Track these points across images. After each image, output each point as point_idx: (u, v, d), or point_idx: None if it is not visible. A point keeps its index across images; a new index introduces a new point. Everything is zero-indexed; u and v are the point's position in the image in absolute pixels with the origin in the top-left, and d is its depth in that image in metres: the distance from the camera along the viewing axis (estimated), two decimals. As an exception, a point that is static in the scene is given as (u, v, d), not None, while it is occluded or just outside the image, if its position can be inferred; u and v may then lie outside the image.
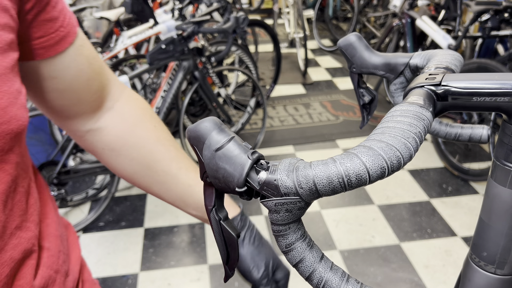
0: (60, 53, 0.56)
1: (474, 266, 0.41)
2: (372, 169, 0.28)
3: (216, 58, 2.67)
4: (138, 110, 0.69)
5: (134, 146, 0.67)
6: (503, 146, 0.36)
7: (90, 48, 0.62)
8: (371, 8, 5.27)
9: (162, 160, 0.67)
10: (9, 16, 0.46)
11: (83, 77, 0.60)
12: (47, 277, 0.54)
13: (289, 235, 0.32)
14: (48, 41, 0.54)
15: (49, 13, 0.53)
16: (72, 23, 0.57)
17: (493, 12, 2.61)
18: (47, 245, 0.56)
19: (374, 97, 0.54)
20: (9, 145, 0.45)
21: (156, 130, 0.68)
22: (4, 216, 0.46)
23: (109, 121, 0.66)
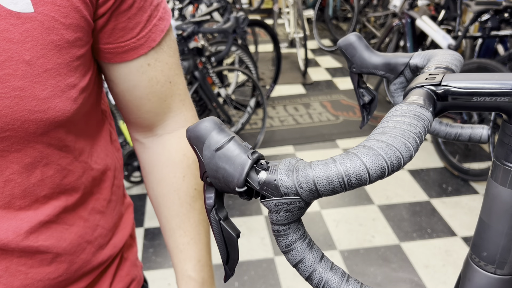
0: (125, 62, 0.57)
1: (474, 266, 0.41)
2: (372, 169, 0.28)
3: (216, 58, 2.67)
4: (179, 154, 0.67)
5: (156, 180, 0.69)
6: (503, 146, 0.36)
7: (162, 70, 0.61)
8: (371, 8, 5.27)
9: (169, 210, 0.69)
10: (80, 16, 0.49)
11: (135, 92, 0.60)
12: (76, 244, 0.59)
13: (289, 235, 0.32)
14: (116, 49, 0.56)
15: (123, 22, 0.54)
16: (152, 37, 0.57)
17: (493, 12, 2.61)
18: (85, 217, 0.61)
19: (374, 97, 0.54)
20: (43, 130, 0.50)
21: (182, 181, 0.68)
22: (27, 183, 0.52)
23: (152, 145, 0.68)
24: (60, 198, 0.57)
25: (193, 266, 0.69)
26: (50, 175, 0.54)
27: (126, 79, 0.59)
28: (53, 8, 0.46)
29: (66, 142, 0.55)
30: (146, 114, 0.63)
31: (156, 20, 0.57)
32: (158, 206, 0.70)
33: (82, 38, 0.50)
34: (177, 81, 0.64)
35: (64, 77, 0.49)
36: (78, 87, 0.52)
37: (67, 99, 0.50)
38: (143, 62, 0.58)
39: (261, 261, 2.19)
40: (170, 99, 0.64)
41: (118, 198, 0.69)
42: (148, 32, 0.57)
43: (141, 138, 0.69)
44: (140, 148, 0.69)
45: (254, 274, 2.12)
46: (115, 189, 0.68)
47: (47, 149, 0.53)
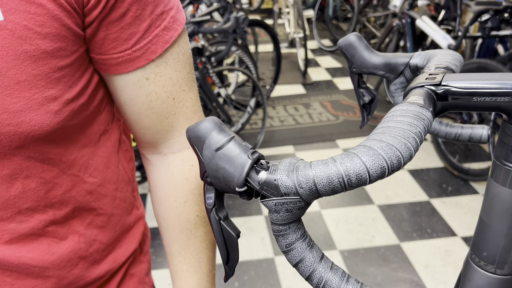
0: (120, 74, 0.53)
1: (474, 266, 0.41)
2: (372, 169, 0.28)
3: (216, 58, 2.67)
4: (181, 178, 0.63)
5: (159, 200, 0.65)
6: (503, 146, 0.36)
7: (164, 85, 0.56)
8: (371, 8, 5.27)
9: (170, 234, 0.66)
10: (60, 25, 0.45)
11: (132, 107, 0.56)
12: (66, 259, 0.57)
13: (289, 235, 0.32)
14: (109, 60, 0.52)
15: (114, 32, 0.49)
16: (152, 48, 0.52)
17: (493, 12, 2.61)
18: (80, 231, 0.58)
19: (374, 97, 0.54)
20: (18, 143, 0.47)
21: (183, 207, 0.64)
22: (7, 194, 0.50)
23: (157, 163, 0.64)
24: (46, 211, 0.54)
25: None
26: (32, 188, 0.52)
27: (123, 92, 0.55)
28: (25, 17, 0.43)
29: (49, 155, 0.52)
30: (146, 130, 0.59)
31: (159, 30, 0.52)
32: (161, 227, 0.67)
33: (65, 48, 0.47)
34: (183, 98, 0.58)
35: (42, 89, 0.46)
36: (62, 99, 0.48)
37: (46, 113, 0.47)
38: (140, 76, 0.53)
39: (261, 261, 2.19)
40: (173, 117, 0.58)
41: (123, 211, 0.65)
42: (147, 43, 0.52)
43: (146, 154, 0.65)
44: (147, 164, 0.66)
45: (254, 274, 2.12)
46: (119, 202, 0.64)
47: (27, 161, 0.50)
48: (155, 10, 0.51)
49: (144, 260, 0.73)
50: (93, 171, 0.58)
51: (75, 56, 0.49)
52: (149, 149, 0.63)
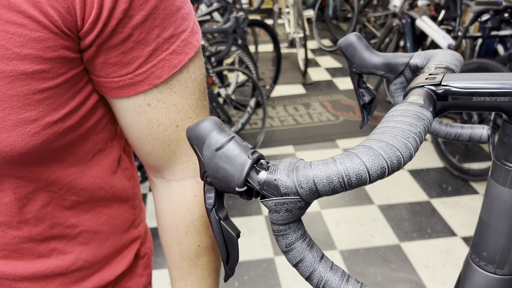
0: (121, 98, 0.51)
1: (474, 266, 0.41)
2: (372, 168, 0.28)
3: (216, 58, 2.67)
4: (183, 208, 0.61)
5: (162, 225, 0.64)
6: (503, 146, 0.36)
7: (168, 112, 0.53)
8: (371, 8, 5.27)
9: (171, 261, 0.65)
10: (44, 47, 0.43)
11: (133, 131, 0.54)
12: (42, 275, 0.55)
13: (289, 234, 0.32)
14: (109, 84, 0.49)
15: (115, 57, 0.47)
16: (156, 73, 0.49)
17: (493, 12, 2.61)
18: (60, 248, 0.57)
19: (374, 97, 0.54)
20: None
21: (184, 236, 0.62)
22: None
23: (161, 187, 0.62)
24: (21, 228, 0.52)
25: None
26: (5, 202, 0.50)
27: (123, 116, 0.53)
28: (3, 36, 0.41)
29: (25, 173, 0.50)
30: (148, 155, 0.57)
31: (165, 54, 0.49)
32: (164, 251, 0.66)
33: (50, 70, 0.45)
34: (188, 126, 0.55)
35: (17, 111, 0.44)
36: (42, 122, 0.46)
37: (20, 135, 0.45)
38: (141, 101, 0.51)
39: (261, 261, 2.19)
40: (176, 144, 0.56)
41: (114, 229, 0.63)
42: (151, 67, 0.49)
43: (151, 176, 0.63)
44: (152, 185, 0.64)
45: (254, 274, 2.12)
46: (107, 219, 0.61)
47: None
48: (162, 34, 0.48)
49: (143, 274, 0.72)
50: (79, 191, 0.56)
51: (62, 79, 0.46)
52: (153, 172, 0.61)
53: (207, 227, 0.63)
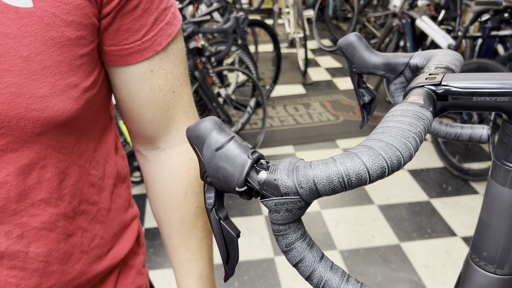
0: (129, 65, 0.55)
1: (474, 266, 0.41)
2: (372, 168, 0.28)
3: (216, 58, 2.67)
4: (181, 171, 0.66)
5: (158, 195, 0.68)
6: (503, 146, 0.36)
7: (166, 79, 0.59)
8: (371, 8, 5.27)
9: (171, 227, 0.68)
10: (83, 14, 0.48)
11: (136, 99, 0.59)
12: (69, 254, 0.58)
13: (289, 234, 0.32)
14: (120, 51, 0.54)
15: (127, 24, 0.52)
16: (158, 41, 0.55)
17: (493, 12, 2.61)
18: (84, 226, 0.59)
19: (374, 97, 0.54)
20: (41, 130, 0.49)
21: (184, 199, 0.66)
22: (23, 185, 0.51)
23: (154, 158, 0.66)
24: (58, 205, 0.55)
25: (195, 282, 0.70)
26: (47, 178, 0.52)
27: (129, 84, 0.57)
28: (53, 4, 0.45)
29: (65, 143, 0.53)
30: (147, 124, 0.61)
31: (163, 24, 0.55)
32: (161, 222, 0.69)
33: (86, 36, 0.49)
34: (181, 92, 0.61)
35: (65, 76, 0.48)
36: (81, 87, 0.50)
37: (67, 99, 0.49)
38: (146, 68, 0.56)
39: (261, 261, 2.19)
40: (173, 110, 0.61)
41: (120, 207, 0.67)
42: (154, 35, 0.55)
43: (143, 151, 0.67)
44: (143, 160, 0.68)
45: (254, 274, 2.12)
46: (115, 197, 0.65)
47: (45, 150, 0.51)
48: (160, 5, 0.54)
49: (140, 252, 0.75)
50: (95, 164, 0.60)
51: (92, 46, 0.51)
52: (146, 145, 0.65)
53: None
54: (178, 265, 0.70)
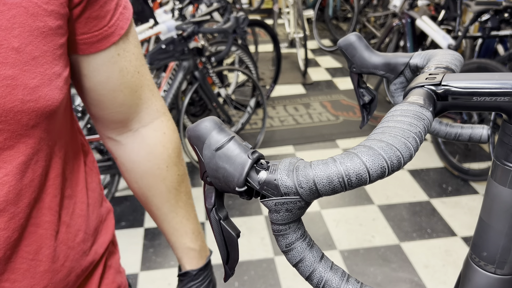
0: (99, 51, 0.57)
1: (474, 266, 0.41)
2: (372, 168, 0.28)
3: (216, 58, 2.67)
4: (159, 146, 0.69)
5: (140, 174, 0.71)
6: (503, 146, 0.36)
7: (131, 60, 0.61)
8: (371, 8, 5.27)
9: (159, 198, 0.73)
10: (60, 3, 0.49)
11: (108, 85, 0.60)
12: (59, 251, 0.58)
13: (289, 234, 0.32)
14: (91, 38, 0.55)
15: (96, 11, 0.54)
16: (120, 25, 0.58)
17: (493, 12, 2.61)
18: (67, 221, 0.60)
19: (374, 97, 0.54)
20: (35, 121, 0.49)
21: (166, 171, 0.71)
22: (21, 185, 0.50)
23: (129, 140, 0.69)
24: (44, 199, 0.54)
25: (190, 238, 0.76)
26: (38, 175, 0.52)
27: (100, 70, 0.59)
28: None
29: (52, 135, 0.54)
30: (120, 107, 0.63)
31: (121, 8, 0.58)
32: (146, 197, 0.73)
33: (63, 26, 0.50)
34: (144, 72, 0.65)
35: (51, 65, 0.49)
36: (63, 76, 0.51)
37: (55, 88, 0.50)
38: (114, 52, 0.58)
39: (261, 261, 2.19)
40: (141, 89, 0.65)
41: (95, 202, 0.67)
42: (117, 20, 0.57)
43: (115, 136, 0.68)
44: (115, 146, 0.70)
45: (254, 274, 2.12)
46: (90, 193, 0.66)
47: (38, 144, 0.51)
48: None
49: (116, 251, 0.77)
50: (67, 158, 0.61)
51: (67, 36, 0.52)
52: (119, 129, 0.67)
53: (179, 157, 0.73)
54: (171, 229, 0.75)
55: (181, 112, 2.64)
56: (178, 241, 0.76)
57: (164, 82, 2.57)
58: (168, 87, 2.56)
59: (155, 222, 0.78)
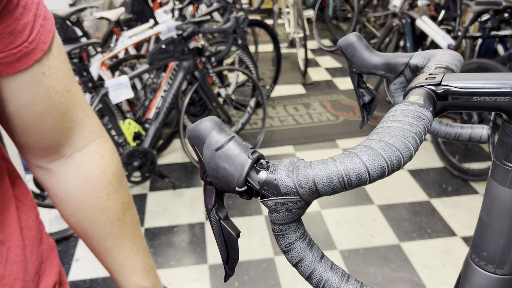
0: (20, 72, 0.50)
1: (474, 266, 0.41)
2: (372, 168, 0.28)
3: (216, 58, 2.67)
4: (97, 172, 0.61)
5: (77, 206, 0.62)
6: (503, 146, 0.36)
7: (58, 78, 0.54)
8: (371, 8, 5.27)
9: (101, 232, 0.64)
10: None
11: (34, 108, 0.52)
12: None
13: (289, 234, 0.32)
14: (8, 57, 0.48)
15: (11, 25, 0.47)
16: (42, 39, 0.50)
17: (493, 12, 2.61)
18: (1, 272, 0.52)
19: (374, 97, 0.54)
20: None
21: (107, 200, 0.62)
22: None
23: (61, 168, 0.60)
24: None
25: (140, 275, 0.68)
26: None
27: (22, 93, 0.51)
28: None
29: None
30: (49, 132, 0.55)
31: (41, 19, 0.51)
32: (86, 232, 0.64)
33: None
34: (75, 90, 0.57)
35: None
36: None
37: None
38: (37, 70, 0.51)
39: (261, 261, 2.19)
40: (72, 110, 0.57)
41: (33, 241, 0.59)
42: (37, 33, 0.50)
43: (45, 164, 0.60)
44: (46, 175, 0.61)
45: (254, 274, 2.12)
46: (26, 232, 0.58)
47: None
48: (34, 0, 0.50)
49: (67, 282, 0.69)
50: None
51: None
52: (49, 157, 0.59)
53: (122, 183, 0.65)
54: (117, 266, 0.67)
55: (181, 112, 2.64)
56: (126, 279, 0.67)
57: (164, 82, 2.57)
58: (168, 87, 2.56)
59: (97, 259, 0.68)
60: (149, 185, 2.79)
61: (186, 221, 2.47)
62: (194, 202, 2.63)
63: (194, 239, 2.34)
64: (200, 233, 2.38)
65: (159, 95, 2.56)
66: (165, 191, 2.73)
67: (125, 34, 2.82)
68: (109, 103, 2.35)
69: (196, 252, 2.26)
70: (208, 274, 2.12)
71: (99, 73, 2.44)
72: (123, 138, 2.44)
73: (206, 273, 2.12)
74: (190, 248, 2.29)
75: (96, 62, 2.40)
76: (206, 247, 2.29)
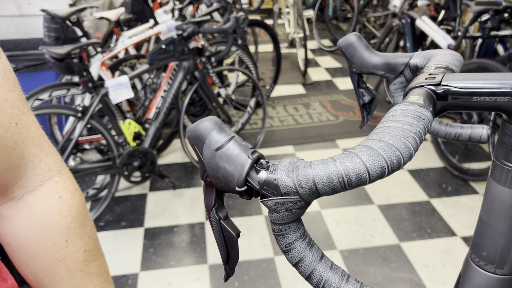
0: None
1: (474, 265, 0.41)
2: (372, 168, 0.28)
3: (216, 58, 2.68)
4: (53, 216, 0.53)
5: (30, 255, 0.54)
6: (503, 146, 0.36)
7: (2, 109, 0.46)
8: (371, 8, 5.27)
9: (58, 285, 0.55)
10: None
11: None
12: None
13: (289, 234, 0.32)
14: None
15: None
16: None
17: (493, 12, 2.61)
18: None
19: (374, 97, 0.54)
20: None
21: (66, 248, 0.54)
22: None
23: (12, 212, 0.52)
24: None
25: None
26: None
27: None
28: None
29: None
30: None
31: None
32: (42, 285, 0.55)
33: None
34: (26, 122, 0.50)
35: None
36: None
37: None
38: None
39: (261, 261, 2.19)
40: (22, 145, 0.49)
41: None
42: None
43: None
44: None
45: (254, 274, 2.12)
46: None
47: None
48: None
49: None
50: None
51: None
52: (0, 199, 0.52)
53: (85, 227, 0.56)
54: None
55: (181, 112, 2.64)
56: None
57: (164, 82, 2.57)
58: (168, 87, 2.56)
59: None
60: (149, 185, 2.79)
61: (186, 221, 2.47)
62: (194, 202, 2.63)
63: (194, 239, 2.34)
64: (200, 233, 2.38)
65: (159, 95, 2.56)
66: (165, 191, 2.73)
67: (125, 34, 2.82)
68: (109, 103, 2.35)
69: (196, 252, 2.26)
70: (208, 274, 2.12)
71: (99, 73, 2.44)
72: (123, 138, 2.44)
73: (206, 273, 2.12)
74: (190, 248, 2.29)
75: (96, 62, 2.40)
76: (206, 247, 2.29)
